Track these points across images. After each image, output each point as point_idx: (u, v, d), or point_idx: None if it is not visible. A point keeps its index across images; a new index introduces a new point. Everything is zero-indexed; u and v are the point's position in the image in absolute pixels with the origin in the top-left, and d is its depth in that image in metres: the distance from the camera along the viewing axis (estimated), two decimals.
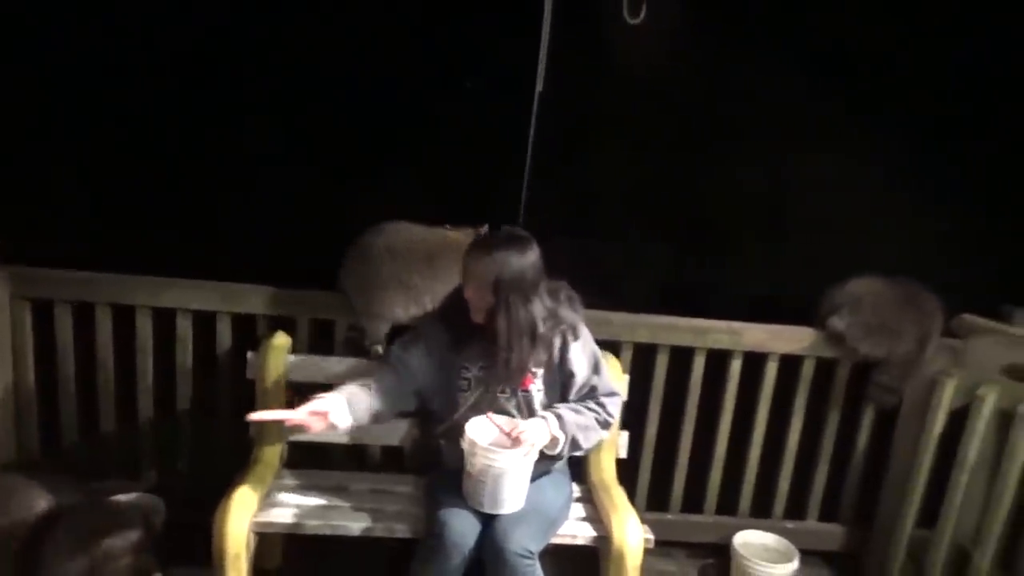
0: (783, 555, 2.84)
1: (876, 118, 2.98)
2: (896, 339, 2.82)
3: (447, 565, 2.12)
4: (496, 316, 2.14)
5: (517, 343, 2.15)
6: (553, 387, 2.29)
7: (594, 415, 2.26)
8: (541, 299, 2.20)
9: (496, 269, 2.11)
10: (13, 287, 2.64)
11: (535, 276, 2.17)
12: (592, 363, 2.30)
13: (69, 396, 2.76)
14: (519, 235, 2.22)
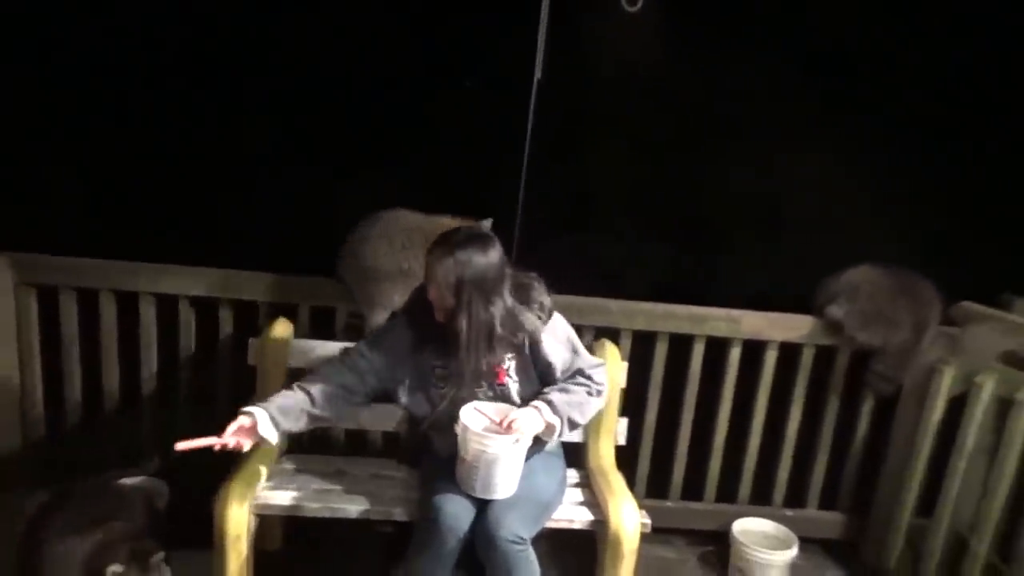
0: (782, 542, 2.84)
1: (873, 113, 2.98)
2: (892, 328, 2.82)
3: (442, 549, 2.14)
4: (456, 317, 2.13)
5: (475, 345, 2.14)
6: (529, 377, 2.28)
7: (584, 388, 2.25)
8: (503, 298, 2.17)
9: (458, 270, 2.09)
10: (18, 274, 2.68)
11: (497, 275, 2.14)
12: (569, 347, 2.29)
13: (74, 381, 2.80)
14: (481, 234, 2.19)
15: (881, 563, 2.92)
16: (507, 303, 2.18)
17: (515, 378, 2.27)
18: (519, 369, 2.27)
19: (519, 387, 2.27)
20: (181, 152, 2.92)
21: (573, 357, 2.28)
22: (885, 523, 2.91)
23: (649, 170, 3.08)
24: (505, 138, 2.96)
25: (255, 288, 2.76)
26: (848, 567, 2.99)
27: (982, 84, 2.97)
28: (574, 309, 2.80)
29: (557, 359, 2.26)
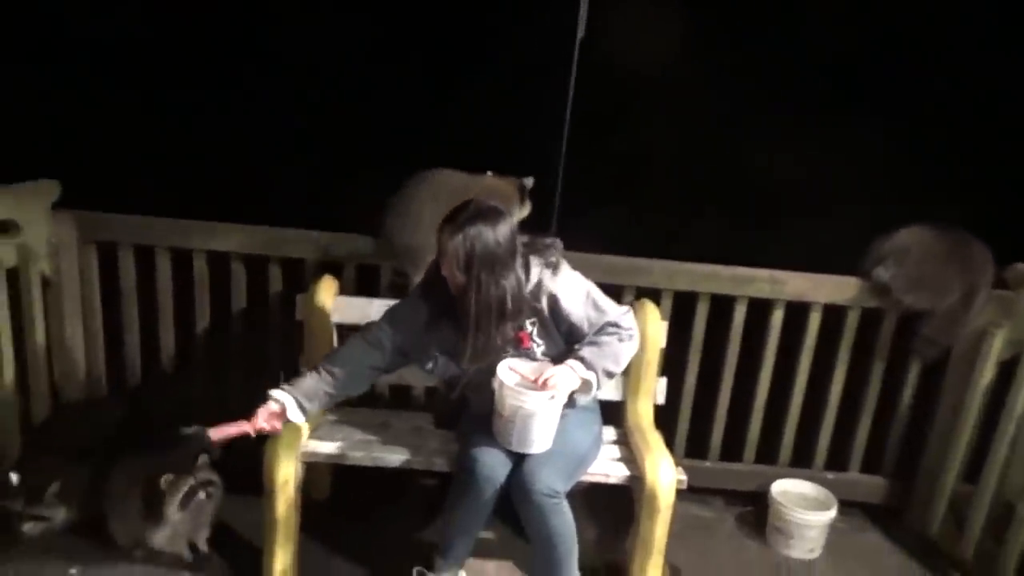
0: (822, 504, 2.83)
1: (924, 75, 2.90)
2: (942, 292, 2.76)
3: (479, 499, 2.21)
4: (466, 294, 2.13)
5: (485, 322, 2.15)
6: (552, 338, 2.28)
7: (614, 337, 2.25)
8: (515, 272, 2.16)
9: (467, 246, 2.08)
10: (81, 231, 2.80)
11: (507, 250, 2.13)
12: (589, 303, 2.26)
13: (133, 335, 2.93)
14: (490, 208, 2.16)
15: (925, 529, 2.89)
16: (519, 276, 2.18)
17: (539, 341, 2.28)
18: (541, 332, 2.28)
19: (543, 349, 2.29)
20: (233, 113, 3.00)
21: (597, 314, 2.26)
22: (930, 488, 2.87)
23: (696, 137, 3.05)
24: (548, 99, 2.96)
25: (302, 246, 2.83)
26: (889, 532, 2.97)
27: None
28: (616, 269, 2.83)
29: (578, 317, 2.25)
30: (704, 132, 3.08)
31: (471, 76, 2.99)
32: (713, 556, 2.77)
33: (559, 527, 2.19)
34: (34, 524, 2.42)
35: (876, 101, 2.92)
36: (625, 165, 3.12)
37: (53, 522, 2.45)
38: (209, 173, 3.06)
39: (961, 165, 2.92)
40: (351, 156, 3.08)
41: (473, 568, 2.49)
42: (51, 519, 2.44)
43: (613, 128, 3.10)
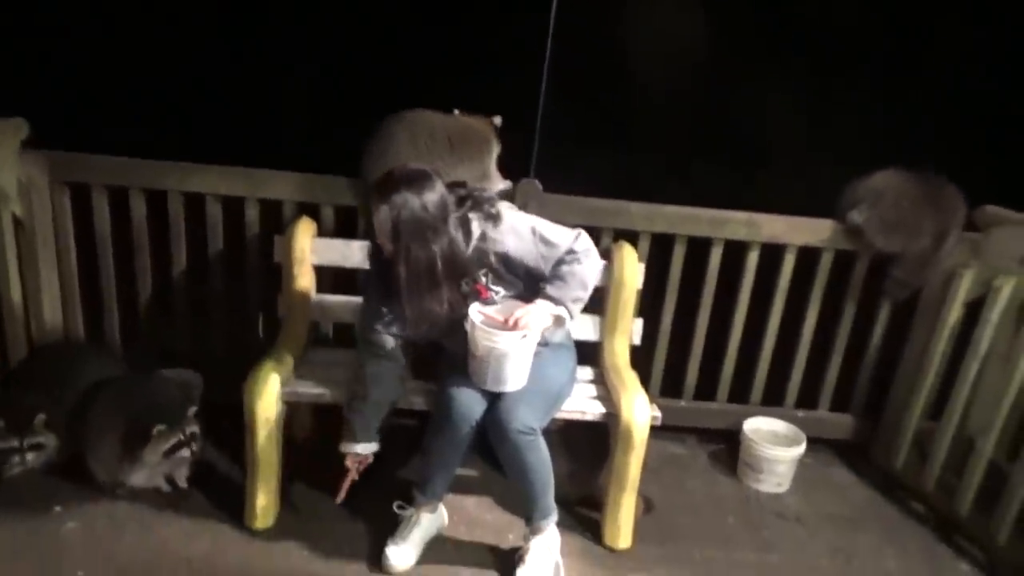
0: (792, 440, 2.92)
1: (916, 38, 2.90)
2: (913, 235, 2.80)
3: (456, 435, 2.25)
4: (396, 263, 2.12)
5: (416, 289, 2.15)
6: (509, 282, 2.28)
7: (574, 264, 2.23)
8: (446, 234, 2.13)
9: (393, 215, 2.06)
10: (52, 171, 2.75)
11: (436, 215, 2.10)
12: (539, 241, 2.23)
13: (109, 277, 2.91)
14: (417, 173, 2.12)
15: (889, 464, 3.00)
16: (453, 237, 2.15)
17: (496, 289, 2.29)
18: (496, 281, 2.28)
19: (504, 295, 2.29)
20: (209, 52, 2.94)
21: (549, 249, 2.23)
22: (895, 425, 2.97)
23: (679, 80, 3.04)
24: (528, 40, 2.92)
25: (280, 187, 2.81)
26: (855, 467, 3.08)
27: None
28: (594, 211, 2.85)
29: (532, 258, 2.23)
30: (688, 76, 3.07)
31: (450, 10, 2.94)
32: (686, 490, 2.86)
33: (535, 463, 2.24)
34: (35, 455, 2.47)
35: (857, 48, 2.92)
36: (606, 107, 3.11)
37: (48, 449, 2.49)
38: (184, 113, 3.00)
39: (935, 110, 2.94)
40: (328, 96, 3.04)
41: (453, 504, 2.56)
42: (46, 445, 2.49)
43: (594, 69, 3.07)
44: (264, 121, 3.01)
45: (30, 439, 2.46)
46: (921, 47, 3.02)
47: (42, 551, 2.27)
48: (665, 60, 3.04)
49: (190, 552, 2.32)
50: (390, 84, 2.95)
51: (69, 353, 2.79)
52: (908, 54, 3.02)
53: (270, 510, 2.45)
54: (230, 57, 3.01)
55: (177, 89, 3.02)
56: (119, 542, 2.33)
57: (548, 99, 2.92)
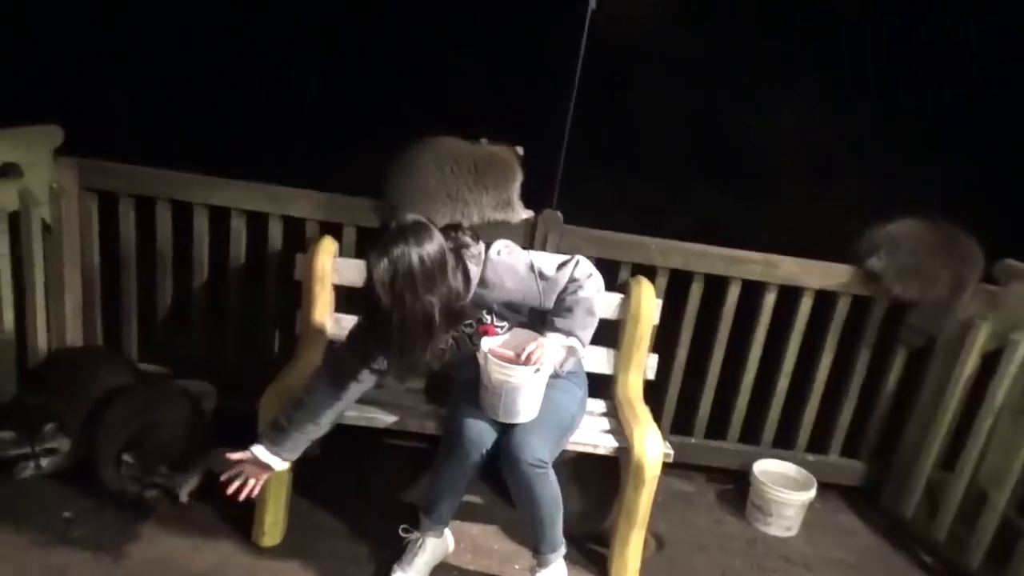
0: (801, 485, 2.90)
1: (929, 63, 2.92)
2: (930, 283, 2.81)
3: (466, 463, 2.25)
4: (391, 314, 2.06)
5: (410, 342, 2.09)
6: (515, 318, 2.29)
7: (577, 292, 2.23)
8: (447, 283, 2.09)
9: (391, 269, 2.02)
10: (82, 179, 2.79)
11: (435, 265, 2.06)
12: (536, 278, 2.22)
13: (130, 286, 2.94)
14: (415, 225, 2.08)
15: (899, 512, 2.97)
16: (452, 286, 2.11)
17: (502, 325, 2.30)
18: (500, 318, 2.29)
19: (509, 328, 2.30)
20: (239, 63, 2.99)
21: (548, 283, 2.23)
22: (906, 473, 2.95)
23: (699, 109, 3.07)
24: (555, 69, 2.96)
25: (304, 206, 2.84)
26: (865, 514, 3.05)
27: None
28: (612, 244, 2.86)
29: (531, 295, 2.23)
30: (707, 106, 3.10)
31: (480, 43, 2.99)
32: (693, 528, 2.84)
33: (545, 495, 2.24)
34: (49, 460, 2.48)
35: (882, 83, 2.94)
36: (627, 136, 3.14)
37: (60, 454, 2.51)
38: (213, 129, 3.06)
39: (959, 157, 2.96)
40: (354, 119, 3.09)
41: (460, 531, 2.55)
42: (59, 450, 2.50)
43: (616, 100, 3.11)
44: (290, 140, 3.07)
45: (42, 444, 2.47)
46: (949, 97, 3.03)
47: (49, 556, 2.27)
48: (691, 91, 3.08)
49: (196, 566, 2.32)
50: (417, 110, 2.99)
51: (86, 359, 2.80)
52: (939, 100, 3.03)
53: (278, 527, 2.44)
54: (259, 75, 3.07)
55: (207, 103, 3.08)
56: (126, 552, 2.33)
57: (573, 130, 2.97)
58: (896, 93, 3.01)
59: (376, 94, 3.06)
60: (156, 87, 3.10)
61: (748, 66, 3.05)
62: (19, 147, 2.54)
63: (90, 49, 3.01)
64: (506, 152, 2.78)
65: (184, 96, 3.09)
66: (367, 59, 3.06)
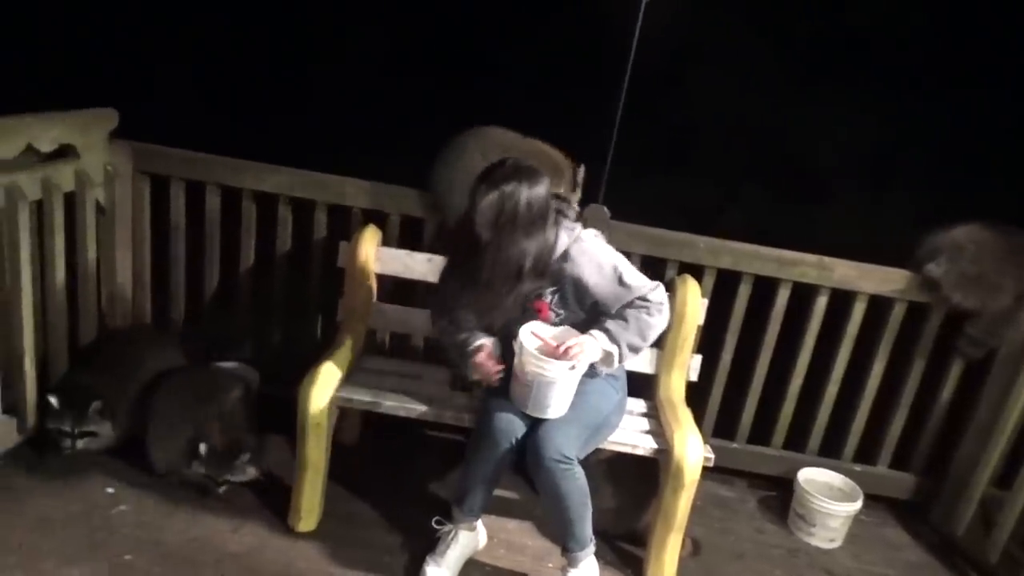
0: (847, 496, 2.82)
1: (998, 66, 2.80)
2: (993, 292, 2.69)
3: (495, 452, 2.23)
4: (486, 251, 2.09)
5: (499, 281, 2.12)
6: (571, 309, 2.27)
7: (642, 311, 2.20)
8: (543, 233, 2.12)
9: (499, 204, 2.05)
10: (136, 162, 2.84)
11: (539, 212, 2.09)
12: (615, 280, 2.21)
13: (179, 268, 2.99)
14: (528, 167, 2.11)
15: (949, 529, 2.86)
16: (547, 239, 2.14)
17: (558, 311, 2.27)
18: (560, 303, 2.26)
19: (562, 319, 2.27)
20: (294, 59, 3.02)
21: (623, 290, 2.21)
22: (959, 489, 2.83)
23: (753, 107, 2.99)
24: (606, 65, 2.91)
25: (350, 194, 2.85)
26: (913, 529, 2.95)
27: None
28: (659, 242, 2.81)
29: (603, 293, 2.21)
30: (761, 106, 3.02)
31: (534, 39, 2.96)
32: (732, 535, 2.78)
33: (570, 492, 2.20)
34: (86, 442, 2.51)
35: (947, 83, 2.82)
36: (678, 135, 3.08)
37: (101, 438, 2.54)
38: (264, 116, 3.09)
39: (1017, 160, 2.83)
40: (404, 113, 3.08)
41: (494, 526, 2.54)
42: (99, 434, 2.53)
43: (667, 98, 3.05)
44: (341, 130, 3.08)
45: (83, 426, 2.49)
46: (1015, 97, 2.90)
47: (92, 531, 2.32)
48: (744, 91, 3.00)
49: (234, 546, 2.35)
50: (466, 106, 2.97)
51: (136, 339, 2.85)
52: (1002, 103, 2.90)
53: (314, 513, 2.46)
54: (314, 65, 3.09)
55: (260, 90, 3.11)
56: (167, 529, 2.37)
57: (622, 128, 2.92)
58: (961, 94, 2.87)
59: (429, 89, 3.05)
60: (210, 74, 3.14)
61: (803, 65, 2.95)
62: (76, 129, 2.59)
63: (147, 35, 3.06)
64: (559, 155, 2.72)
65: (237, 83, 3.12)
66: (421, 54, 3.05)
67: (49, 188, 2.48)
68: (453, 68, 3.04)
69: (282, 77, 3.09)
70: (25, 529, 1.95)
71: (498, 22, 2.99)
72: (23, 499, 2.39)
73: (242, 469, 2.49)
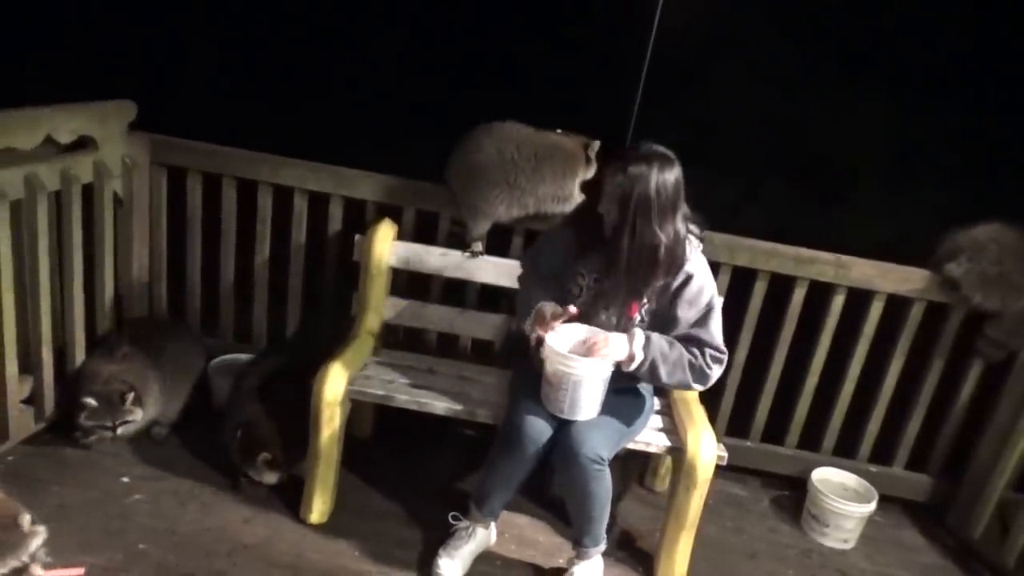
0: (862, 496, 2.79)
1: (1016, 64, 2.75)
2: (1014, 293, 2.65)
3: (522, 456, 2.22)
4: (621, 234, 2.08)
5: (635, 265, 2.10)
6: (658, 322, 2.22)
7: (689, 357, 2.16)
8: (674, 224, 2.10)
9: (628, 185, 2.04)
10: (153, 153, 2.86)
11: (670, 198, 2.07)
12: (700, 313, 2.17)
13: (195, 259, 3.01)
14: (659, 154, 2.08)
15: (966, 532, 2.83)
16: (678, 229, 2.11)
17: (645, 319, 2.23)
18: (652, 311, 2.23)
19: (646, 326, 2.22)
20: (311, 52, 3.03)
21: (699, 329, 2.17)
22: (977, 492, 2.80)
23: (774, 103, 2.96)
24: (625, 58, 2.90)
25: (365, 187, 2.85)
26: (928, 531, 2.91)
27: None
28: None
29: (683, 315, 2.17)
30: (782, 102, 2.99)
31: (551, 31, 2.94)
32: (745, 534, 2.76)
33: (598, 492, 2.20)
34: (125, 428, 2.55)
35: (962, 79, 2.78)
36: (696, 131, 3.05)
37: (135, 423, 2.58)
38: (281, 109, 3.09)
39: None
40: (420, 103, 3.08)
41: (506, 521, 2.53)
42: (135, 421, 2.57)
43: (686, 92, 3.03)
44: (358, 124, 3.08)
45: (122, 418, 2.54)
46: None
47: (109, 520, 2.34)
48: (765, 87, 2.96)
49: (247, 537, 2.36)
50: (483, 99, 2.96)
51: (155, 329, 2.87)
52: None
53: (326, 505, 2.47)
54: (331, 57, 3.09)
55: (277, 83, 3.11)
56: (181, 519, 2.39)
57: (639, 122, 2.90)
58: (983, 92, 2.82)
59: (445, 83, 3.05)
60: (228, 66, 3.14)
61: (826, 61, 2.91)
62: (94, 121, 2.61)
63: (165, 27, 3.07)
64: (574, 144, 2.70)
65: (255, 76, 3.13)
66: (437, 48, 3.04)
67: (68, 179, 2.50)
68: (469, 63, 3.02)
69: (298, 71, 3.08)
70: (43, 516, 1.98)
71: (514, 16, 2.97)
72: (42, 487, 2.42)
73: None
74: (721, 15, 2.95)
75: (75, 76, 2.88)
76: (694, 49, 2.96)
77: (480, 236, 2.75)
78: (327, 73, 3.10)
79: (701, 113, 3.01)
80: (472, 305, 2.89)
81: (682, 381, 2.18)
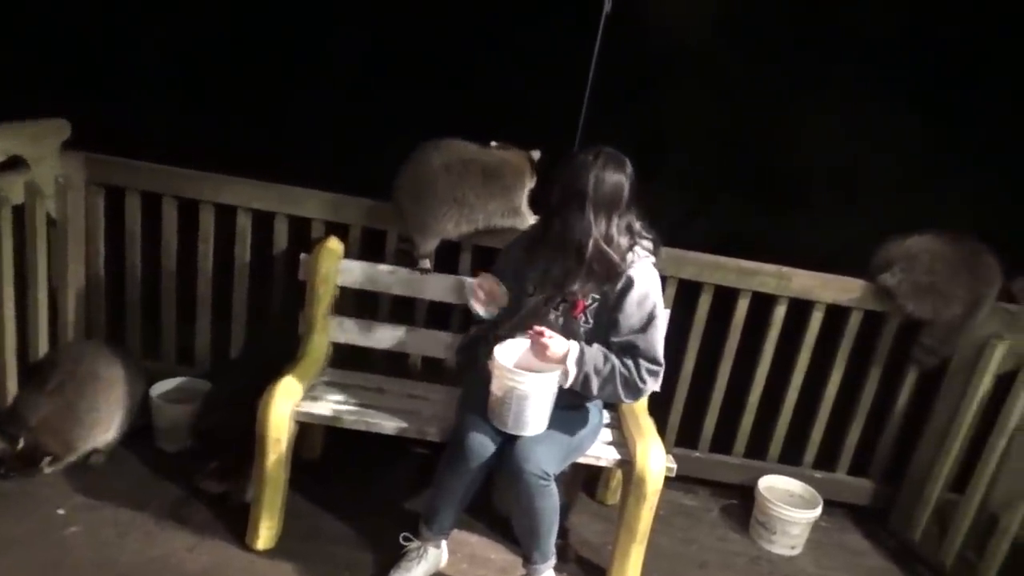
0: (807, 502, 2.85)
1: (962, 80, 2.87)
2: (945, 302, 2.74)
3: (467, 471, 2.21)
4: (553, 219, 2.17)
5: (559, 253, 2.16)
6: (600, 325, 2.24)
7: (622, 371, 2.17)
8: (608, 224, 2.14)
9: (569, 173, 2.12)
10: (89, 173, 2.78)
11: (607, 196, 2.11)
12: (643, 321, 2.19)
13: (135, 281, 2.93)
14: (612, 153, 2.16)
15: (907, 534, 2.91)
16: (613, 234, 2.15)
17: (590, 320, 2.25)
18: (597, 313, 2.24)
19: (590, 329, 2.24)
20: (251, 68, 2.99)
21: (640, 336, 2.19)
22: (916, 494, 2.89)
23: (719, 116, 3.02)
24: (569, 73, 2.93)
25: (311, 205, 2.81)
26: (872, 534, 2.99)
27: None
28: None
29: (625, 321, 2.19)
30: (729, 114, 3.05)
31: (494, 46, 2.96)
32: (695, 544, 2.79)
33: (544, 508, 2.20)
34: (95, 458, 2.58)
35: (906, 95, 2.88)
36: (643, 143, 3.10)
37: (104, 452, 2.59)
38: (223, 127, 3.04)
39: (982, 170, 2.89)
40: (365, 121, 3.06)
41: (457, 540, 2.52)
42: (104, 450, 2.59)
43: (633, 105, 3.07)
44: (298, 139, 3.05)
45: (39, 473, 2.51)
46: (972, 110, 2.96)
47: (44, 555, 2.25)
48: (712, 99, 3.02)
49: (191, 565, 2.30)
50: (428, 112, 2.96)
51: (91, 354, 2.78)
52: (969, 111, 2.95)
53: (273, 530, 2.42)
54: (271, 73, 3.06)
55: (217, 100, 3.07)
56: (121, 550, 2.31)
57: (585, 135, 2.93)
58: (927, 105, 2.93)
59: (390, 100, 3.03)
60: (166, 83, 3.08)
61: (773, 73, 2.98)
62: (25, 140, 2.53)
63: (99, 43, 3.00)
64: (518, 157, 2.73)
65: (193, 92, 3.07)
66: (382, 65, 3.03)
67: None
68: (415, 79, 3.01)
69: (242, 87, 3.04)
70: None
71: (461, 32, 2.99)
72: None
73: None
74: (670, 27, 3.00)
75: (5, 95, 2.78)
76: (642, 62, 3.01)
77: (428, 253, 2.74)
78: (271, 89, 3.06)
79: (650, 123, 3.06)
80: (421, 322, 2.88)
81: (614, 395, 2.21)
